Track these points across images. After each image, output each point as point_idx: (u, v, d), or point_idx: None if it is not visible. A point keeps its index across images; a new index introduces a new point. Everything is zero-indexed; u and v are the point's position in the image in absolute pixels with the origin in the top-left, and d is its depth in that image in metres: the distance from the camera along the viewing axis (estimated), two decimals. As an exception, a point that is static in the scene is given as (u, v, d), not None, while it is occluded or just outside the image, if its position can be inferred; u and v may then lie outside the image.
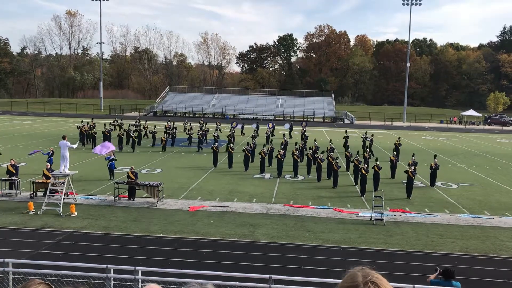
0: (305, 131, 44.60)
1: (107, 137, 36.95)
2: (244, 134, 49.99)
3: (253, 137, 36.54)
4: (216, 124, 49.35)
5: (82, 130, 39.27)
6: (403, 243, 16.01)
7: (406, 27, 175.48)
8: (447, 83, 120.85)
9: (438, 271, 9.76)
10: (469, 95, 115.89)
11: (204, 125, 46.82)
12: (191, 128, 43.17)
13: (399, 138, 37.64)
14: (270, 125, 48.83)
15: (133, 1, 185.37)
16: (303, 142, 35.87)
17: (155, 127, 42.29)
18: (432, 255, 14.96)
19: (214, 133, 39.52)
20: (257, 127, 47.76)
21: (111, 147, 25.16)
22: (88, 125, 40.88)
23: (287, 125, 52.49)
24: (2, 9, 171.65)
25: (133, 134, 37.84)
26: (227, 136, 37.54)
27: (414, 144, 46.65)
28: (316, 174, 26.71)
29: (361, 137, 39.23)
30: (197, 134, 39.74)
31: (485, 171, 31.48)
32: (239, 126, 51.77)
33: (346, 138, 38.39)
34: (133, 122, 49.93)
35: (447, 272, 9.62)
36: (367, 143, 37.03)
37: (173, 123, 44.63)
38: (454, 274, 9.65)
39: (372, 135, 39.62)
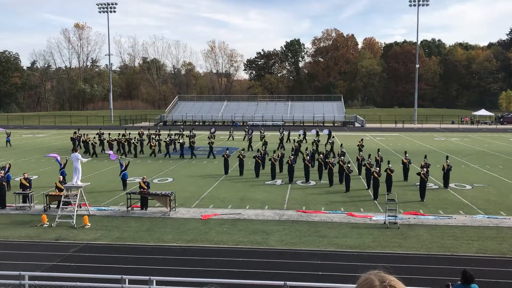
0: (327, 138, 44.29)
1: (111, 146, 38.48)
2: (289, 141, 46.53)
3: (265, 144, 36.56)
4: (230, 132, 49.66)
5: (86, 139, 41.01)
6: (418, 246, 15.83)
7: (414, 28, 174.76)
8: (457, 83, 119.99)
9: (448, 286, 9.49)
10: (480, 95, 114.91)
11: (175, 134, 46.28)
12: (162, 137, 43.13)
13: (362, 139, 37.86)
14: (301, 131, 49.21)
15: (140, 12, 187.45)
16: (313, 147, 35.75)
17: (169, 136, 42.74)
18: (448, 257, 14.77)
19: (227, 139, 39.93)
20: (304, 133, 48.39)
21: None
22: (84, 135, 42.52)
23: (325, 131, 49.19)
24: (12, 24, 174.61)
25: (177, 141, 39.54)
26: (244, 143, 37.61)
27: (426, 146, 46.32)
28: (328, 179, 26.59)
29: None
30: (178, 143, 40.23)
31: (499, 171, 31.11)
32: (286, 132, 49.36)
33: (360, 146, 37.36)
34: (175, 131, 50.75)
35: (466, 276, 9.41)
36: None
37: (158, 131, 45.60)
38: (473, 278, 9.43)
39: (362, 140, 38.65)
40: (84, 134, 43.58)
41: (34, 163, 35.05)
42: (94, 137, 42.41)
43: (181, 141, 39.71)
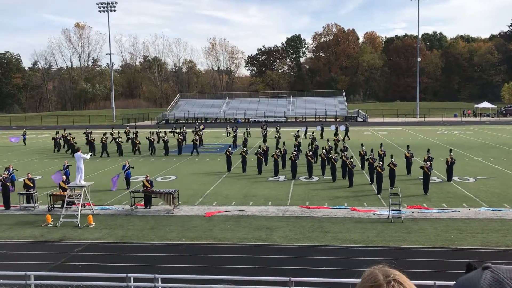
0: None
1: (105, 146, 38.51)
2: (306, 137, 46.21)
3: (264, 141, 36.76)
4: (233, 128, 49.76)
5: (70, 139, 41.48)
6: (422, 239, 15.83)
7: (414, 22, 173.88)
8: (459, 76, 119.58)
9: None
10: (483, 87, 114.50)
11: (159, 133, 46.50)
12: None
13: (313, 132, 39.42)
14: (318, 127, 49.78)
15: (140, 11, 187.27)
16: (316, 143, 35.73)
17: (165, 133, 42.97)
18: (452, 250, 14.77)
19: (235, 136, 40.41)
20: (322, 129, 48.50)
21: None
22: (65, 135, 43.12)
23: (342, 127, 49.17)
24: (12, 25, 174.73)
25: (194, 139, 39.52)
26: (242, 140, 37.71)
27: (428, 139, 46.24)
28: (331, 174, 26.58)
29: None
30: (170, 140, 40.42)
31: (502, 163, 31.04)
32: (303, 129, 49.32)
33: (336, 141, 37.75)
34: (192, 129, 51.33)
35: (471, 269, 9.38)
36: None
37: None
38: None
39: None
40: (68, 134, 44.00)
41: (37, 163, 35.14)
42: (74, 137, 42.61)
43: (165, 139, 40.03)
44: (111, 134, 43.57)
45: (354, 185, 24.68)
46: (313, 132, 39.55)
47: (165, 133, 44.97)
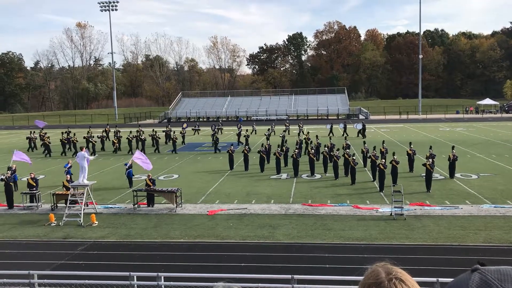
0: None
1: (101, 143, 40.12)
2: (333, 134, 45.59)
3: (283, 137, 37.36)
4: (237, 126, 50.07)
5: (41, 140, 42.10)
6: (425, 237, 15.82)
7: (416, 19, 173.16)
8: (461, 72, 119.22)
9: None
10: (485, 84, 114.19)
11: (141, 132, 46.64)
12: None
13: (308, 132, 39.21)
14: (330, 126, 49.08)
15: (142, 10, 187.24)
16: (318, 140, 35.68)
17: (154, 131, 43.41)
18: (455, 247, 14.77)
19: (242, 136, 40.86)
20: (345, 127, 47.66)
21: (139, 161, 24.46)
22: (39, 135, 43.65)
23: (359, 125, 47.98)
24: (14, 26, 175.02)
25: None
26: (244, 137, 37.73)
27: (431, 136, 46.17)
28: (333, 172, 26.57)
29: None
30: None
31: (505, 160, 30.97)
32: (328, 126, 48.04)
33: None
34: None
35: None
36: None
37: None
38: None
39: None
40: (44, 134, 44.33)
41: (40, 163, 35.20)
42: (49, 137, 42.62)
43: (142, 137, 40.48)
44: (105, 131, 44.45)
45: (356, 183, 24.67)
46: (308, 133, 39.54)
47: (142, 132, 45.14)
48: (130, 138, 39.64)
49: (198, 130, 56.20)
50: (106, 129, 48.60)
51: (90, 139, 40.95)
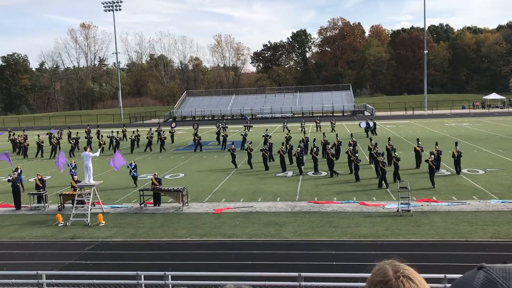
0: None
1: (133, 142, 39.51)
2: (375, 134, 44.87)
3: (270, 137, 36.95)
4: (244, 125, 50.18)
5: (17, 142, 42.35)
6: (432, 233, 15.76)
7: (420, 14, 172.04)
8: (467, 67, 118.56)
9: None
10: (491, 78, 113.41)
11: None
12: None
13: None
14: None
15: (146, 9, 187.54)
16: (325, 138, 35.59)
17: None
18: (463, 243, 14.69)
19: (242, 133, 40.74)
20: (374, 125, 46.69)
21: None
22: (21, 136, 43.54)
23: (370, 123, 46.85)
24: (19, 27, 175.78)
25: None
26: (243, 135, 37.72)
27: (437, 132, 45.97)
28: (329, 169, 26.31)
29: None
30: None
31: (512, 155, 30.78)
32: (363, 125, 46.73)
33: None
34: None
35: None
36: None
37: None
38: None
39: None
40: (21, 136, 44.60)
41: (46, 164, 35.37)
42: (25, 138, 42.91)
43: (120, 136, 41.71)
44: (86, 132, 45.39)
45: (362, 179, 24.59)
46: (302, 130, 39.99)
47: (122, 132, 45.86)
48: (149, 137, 40.36)
49: (250, 126, 52.89)
50: (86, 129, 49.69)
51: (91, 139, 41.46)
